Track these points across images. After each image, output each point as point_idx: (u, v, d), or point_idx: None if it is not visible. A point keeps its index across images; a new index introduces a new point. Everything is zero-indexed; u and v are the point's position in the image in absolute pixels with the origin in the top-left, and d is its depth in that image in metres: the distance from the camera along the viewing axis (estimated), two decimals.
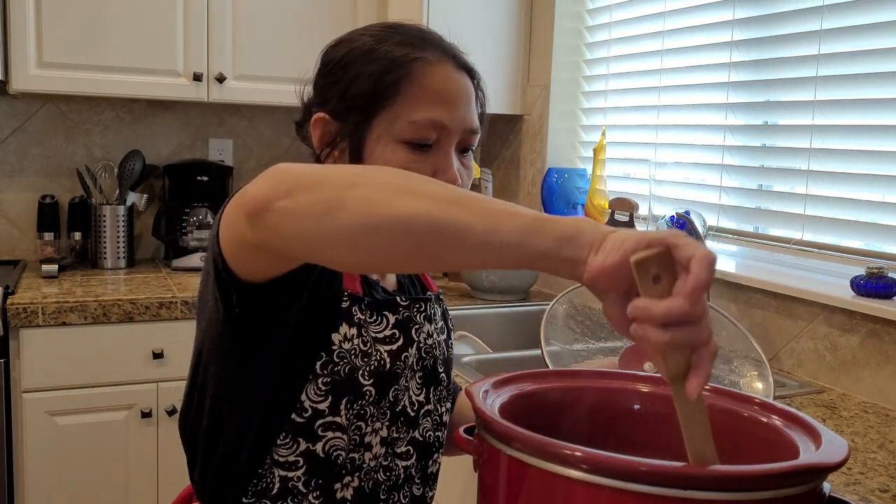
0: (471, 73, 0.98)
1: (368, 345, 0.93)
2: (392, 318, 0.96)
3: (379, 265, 0.69)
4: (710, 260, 0.55)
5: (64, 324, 2.12)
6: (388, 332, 0.95)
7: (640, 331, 0.56)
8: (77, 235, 2.62)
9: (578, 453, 0.61)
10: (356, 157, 0.94)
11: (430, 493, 1.04)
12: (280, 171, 0.67)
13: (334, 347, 0.90)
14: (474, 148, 0.98)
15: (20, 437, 2.12)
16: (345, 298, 0.91)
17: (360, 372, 0.91)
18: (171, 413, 2.23)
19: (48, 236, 2.57)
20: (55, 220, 2.60)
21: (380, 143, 0.92)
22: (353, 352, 0.91)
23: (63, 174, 2.70)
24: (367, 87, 0.92)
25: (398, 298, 0.98)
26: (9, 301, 2.08)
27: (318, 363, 0.89)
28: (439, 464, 1.05)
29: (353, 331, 0.91)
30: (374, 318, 0.94)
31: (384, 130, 0.92)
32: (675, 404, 0.59)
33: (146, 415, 2.21)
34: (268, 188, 0.66)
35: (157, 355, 2.21)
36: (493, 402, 0.74)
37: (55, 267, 2.41)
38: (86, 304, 2.13)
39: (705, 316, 0.56)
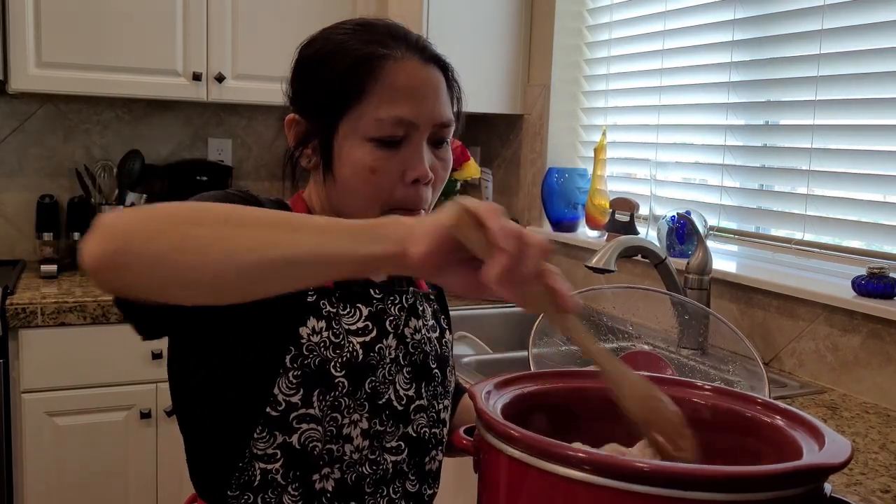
0: (441, 64, 0.97)
1: (341, 336, 0.93)
2: (365, 310, 0.96)
3: (214, 301, 0.73)
4: (492, 207, 0.65)
5: (63, 324, 2.11)
6: (360, 324, 0.95)
7: (513, 279, 0.63)
8: (76, 235, 2.61)
9: (580, 454, 0.60)
10: (326, 155, 0.95)
11: (430, 491, 1.03)
12: (107, 225, 0.70)
13: (303, 341, 0.91)
14: (449, 140, 0.98)
15: (20, 437, 2.11)
16: (310, 293, 0.92)
17: (332, 364, 0.92)
18: (170, 413, 2.23)
19: (47, 236, 2.56)
20: (54, 220, 2.59)
21: (347, 142, 0.92)
22: (322, 344, 0.92)
23: (62, 174, 2.69)
24: (334, 86, 0.93)
25: (372, 291, 0.98)
26: (8, 301, 2.08)
27: (288, 357, 0.90)
28: (439, 461, 1.04)
29: (322, 324, 0.92)
30: (347, 309, 0.95)
31: (351, 129, 0.92)
32: (558, 327, 0.67)
33: (145, 415, 2.21)
34: (100, 245, 0.69)
35: (157, 356, 2.21)
36: (495, 403, 0.74)
37: (54, 267, 2.41)
38: (85, 304, 2.13)
39: (526, 234, 0.63)
